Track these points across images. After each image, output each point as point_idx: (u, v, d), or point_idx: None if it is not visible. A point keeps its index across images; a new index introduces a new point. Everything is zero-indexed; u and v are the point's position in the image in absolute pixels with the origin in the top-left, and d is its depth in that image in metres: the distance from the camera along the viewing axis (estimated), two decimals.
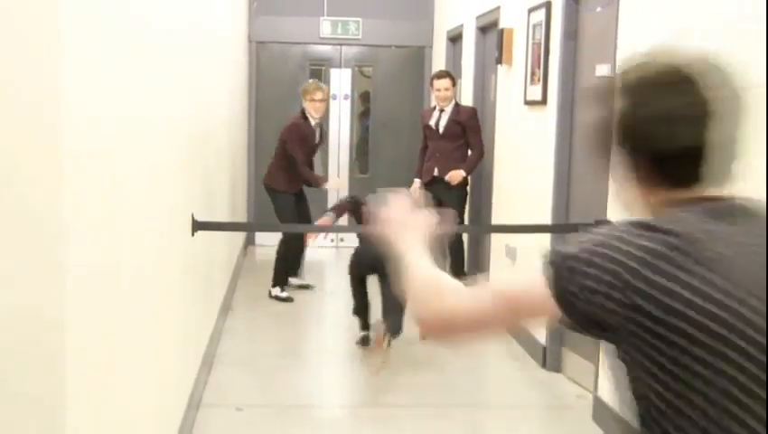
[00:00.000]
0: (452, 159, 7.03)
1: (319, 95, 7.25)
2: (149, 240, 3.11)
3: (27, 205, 1.90)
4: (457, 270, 7.07)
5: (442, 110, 7.10)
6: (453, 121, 7.03)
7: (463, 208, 7.06)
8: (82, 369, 2.13)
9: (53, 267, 1.94)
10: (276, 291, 7.32)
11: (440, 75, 7.16)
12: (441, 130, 7.10)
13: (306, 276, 7.89)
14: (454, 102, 7.13)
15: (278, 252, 7.37)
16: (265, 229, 7.75)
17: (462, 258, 7.21)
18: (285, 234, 7.39)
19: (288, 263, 7.42)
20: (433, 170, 7.12)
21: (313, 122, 7.33)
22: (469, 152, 7.08)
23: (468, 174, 6.99)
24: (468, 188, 7.12)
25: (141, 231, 2.94)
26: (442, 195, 7.05)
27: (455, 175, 6.90)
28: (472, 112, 7.11)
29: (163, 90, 3.43)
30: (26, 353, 1.93)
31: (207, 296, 5.31)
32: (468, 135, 7.01)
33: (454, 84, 7.10)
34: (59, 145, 1.93)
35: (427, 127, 7.28)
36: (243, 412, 4.58)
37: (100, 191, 2.32)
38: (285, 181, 7.28)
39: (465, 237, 7.31)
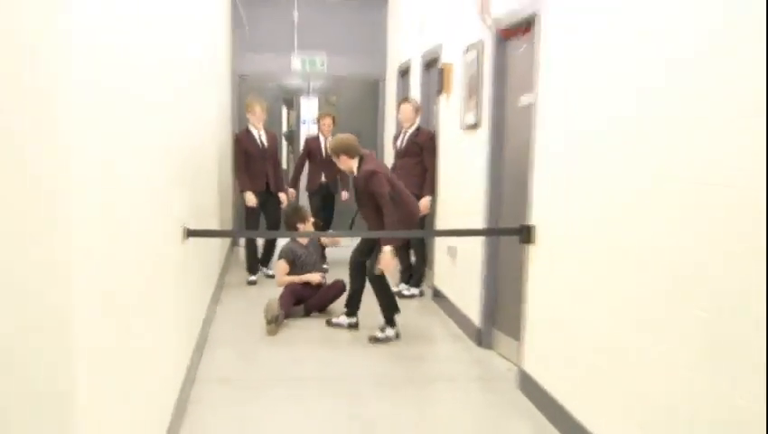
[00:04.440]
0: (411, 174, 6.89)
1: (258, 109, 7.45)
2: (150, 246, 3.06)
3: (39, 208, 1.83)
4: (420, 262, 7.20)
5: (406, 132, 7.07)
6: (412, 142, 6.95)
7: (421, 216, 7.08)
8: (94, 355, 2.12)
9: (63, 268, 1.89)
10: (247, 276, 7.68)
11: (403, 101, 7.11)
12: (402, 148, 7.05)
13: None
14: (417, 125, 7.04)
15: (246, 246, 7.74)
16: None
17: (423, 253, 7.22)
18: (247, 227, 7.63)
19: (254, 254, 7.68)
20: None
21: (255, 132, 7.51)
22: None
23: (431, 195, 6.91)
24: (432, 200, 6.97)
25: (143, 239, 2.89)
26: None
27: (425, 205, 6.84)
28: (430, 135, 6.93)
29: (161, 122, 3.38)
30: (38, 354, 1.90)
31: (200, 289, 5.25)
32: (424, 155, 6.89)
33: (416, 110, 7.01)
34: (67, 158, 1.88)
35: (394, 145, 7.29)
36: (231, 386, 4.54)
37: (107, 202, 2.28)
38: (246, 184, 7.52)
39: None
